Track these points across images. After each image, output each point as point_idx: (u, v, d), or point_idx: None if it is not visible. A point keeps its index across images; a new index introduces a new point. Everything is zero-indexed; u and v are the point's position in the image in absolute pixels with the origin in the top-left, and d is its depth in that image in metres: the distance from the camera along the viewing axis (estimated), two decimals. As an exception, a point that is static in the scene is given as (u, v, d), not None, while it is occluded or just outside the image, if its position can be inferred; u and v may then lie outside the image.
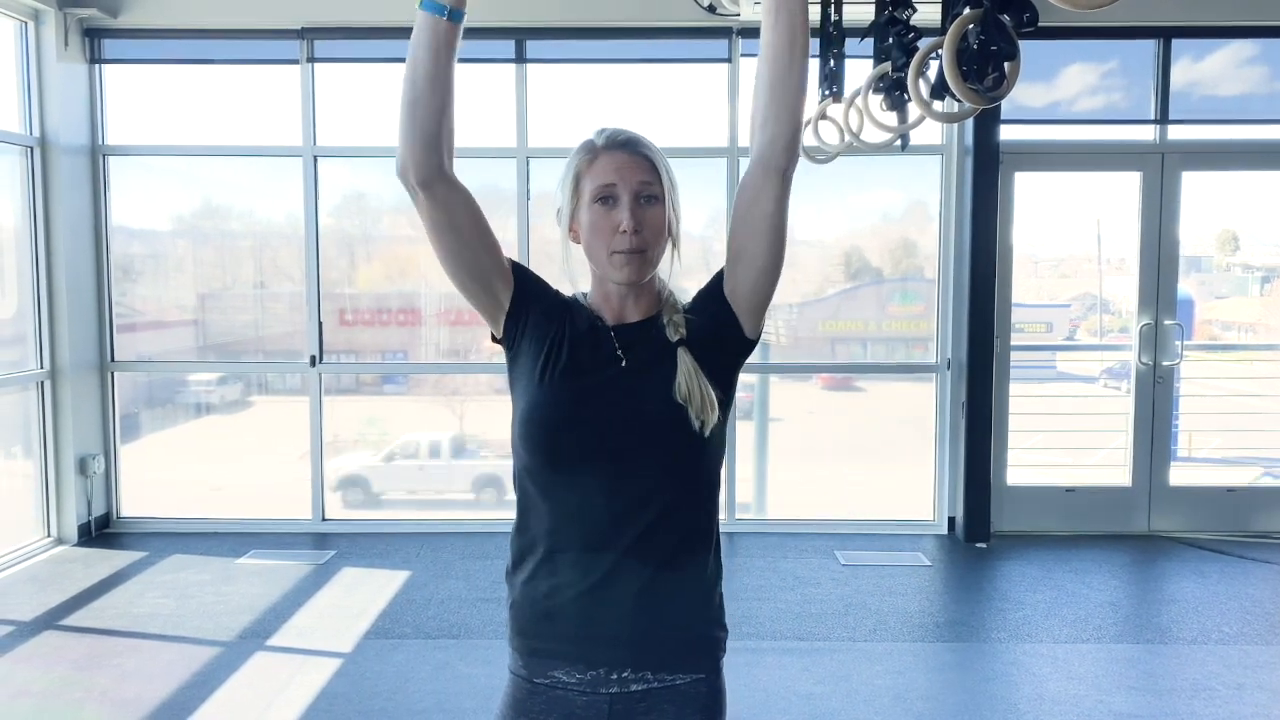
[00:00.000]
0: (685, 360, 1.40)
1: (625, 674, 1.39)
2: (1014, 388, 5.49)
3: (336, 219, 5.78)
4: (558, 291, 1.50)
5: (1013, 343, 5.48)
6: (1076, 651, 3.84)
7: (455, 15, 1.27)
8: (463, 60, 5.30)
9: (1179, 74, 5.39)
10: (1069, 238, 6.41)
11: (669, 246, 1.45)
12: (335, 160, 5.60)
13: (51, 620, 4.12)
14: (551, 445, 1.38)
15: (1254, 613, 4.24)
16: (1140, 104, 5.42)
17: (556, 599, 1.40)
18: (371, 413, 6.12)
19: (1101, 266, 6.11)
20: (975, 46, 2.05)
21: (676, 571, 1.41)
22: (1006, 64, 2.05)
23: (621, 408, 1.39)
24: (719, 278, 1.45)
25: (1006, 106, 5.22)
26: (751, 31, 5.24)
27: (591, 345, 1.44)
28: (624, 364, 1.42)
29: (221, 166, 5.72)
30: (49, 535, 5.22)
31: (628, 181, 1.39)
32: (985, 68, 2.06)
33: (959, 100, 2.10)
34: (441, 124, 1.29)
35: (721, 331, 1.43)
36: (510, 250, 5.52)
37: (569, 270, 1.48)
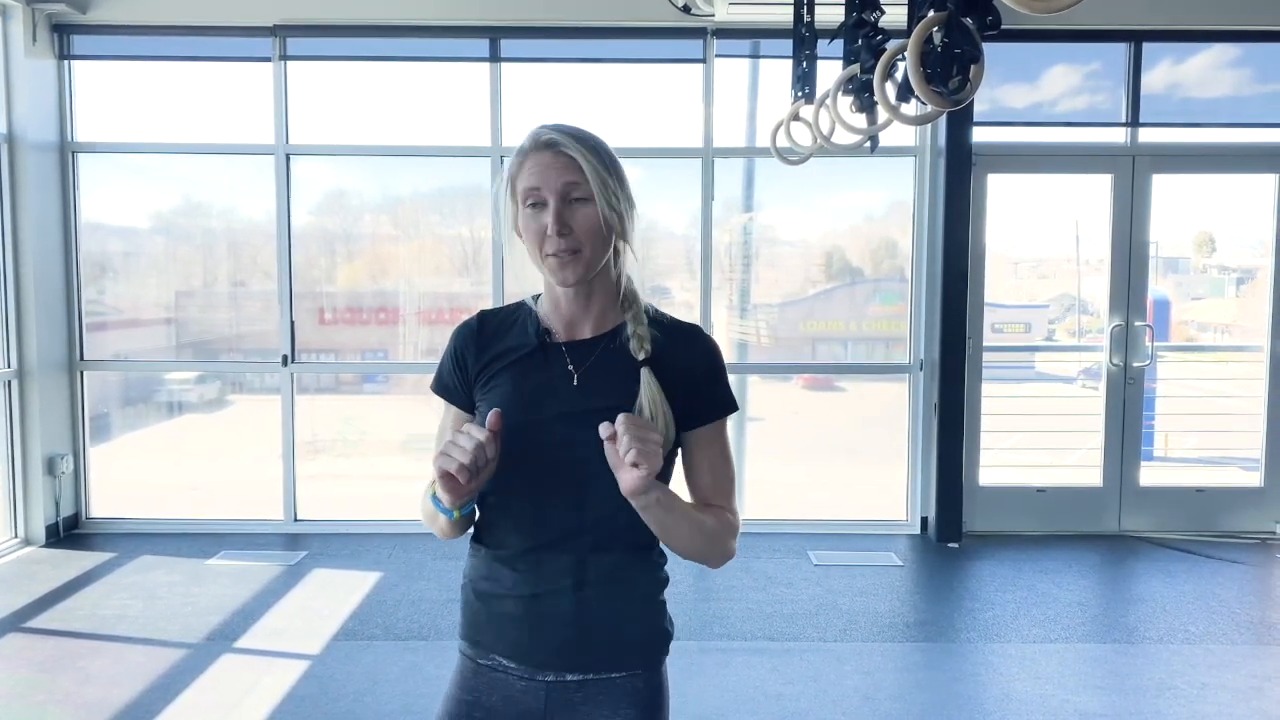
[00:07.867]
0: (649, 382, 1.38)
1: (563, 669, 1.41)
2: (990, 388, 5.52)
3: (317, 217, 5.73)
4: (455, 344, 1.48)
5: (988, 343, 5.52)
6: (1044, 651, 3.86)
7: (464, 511, 1.38)
8: (438, 59, 5.26)
9: (1159, 77, 5.43)
10: (1049, 239, 6.45)
11: (618, 245, 1.40)
12: (316, 158, 5.56)
13: (17, 622, 4.07)
14: (502, 469, 1.34)
15: (1219, 612, 4.28)
16: (1116, 107, 5.45)
17: (502, 604, 1.42)
18: (350, 412, 6.08)
19: (1080, 267, 6.15)
20: (939, 49, 2.05)
21: (623, 583, 1.42)
22: (971, 66, 2.05)
23: (575, 428, 1.35)
24: (711, 384, 1.44)
25: (979, 108, 5.25)
26: (727, 32, 5.24)
27: (541, 364, 1.42)
28: (575, 382, 1.40)
29: (198, 164, 5.67)
30: (16, 536, 5.16)
31: (551, 184, 1.35)
32: (949, 70, 2.06)
33: (924, 102, 2.10)
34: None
35: (677, 401, 1.40)
36: (484, 249, 5.56)
37: (517, 272, 1.45)
